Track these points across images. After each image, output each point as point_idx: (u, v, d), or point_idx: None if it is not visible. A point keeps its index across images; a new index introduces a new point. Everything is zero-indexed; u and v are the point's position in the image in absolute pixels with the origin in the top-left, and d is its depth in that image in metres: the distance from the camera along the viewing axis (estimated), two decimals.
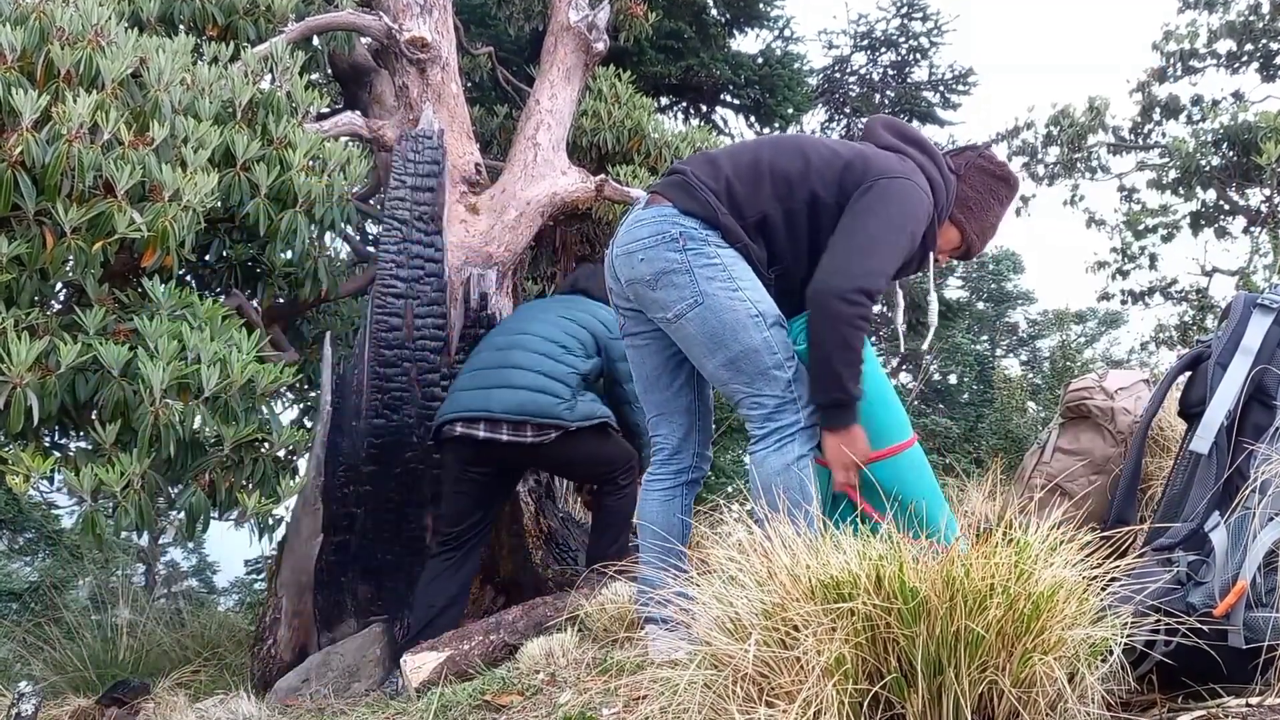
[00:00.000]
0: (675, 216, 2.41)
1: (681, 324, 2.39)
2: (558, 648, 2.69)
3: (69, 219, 2.95)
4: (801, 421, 2.35)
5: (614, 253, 2.53)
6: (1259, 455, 1.88)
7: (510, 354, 3.57)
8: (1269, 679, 1.64)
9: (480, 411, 3.45)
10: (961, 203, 2.63)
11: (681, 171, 2.49)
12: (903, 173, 2.43)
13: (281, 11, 4.37)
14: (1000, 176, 2.68)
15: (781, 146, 2.52)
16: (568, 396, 3.48)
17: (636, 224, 2.47)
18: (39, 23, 3.19)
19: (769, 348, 2.35)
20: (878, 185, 2.39)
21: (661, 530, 2.51)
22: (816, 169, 2.43)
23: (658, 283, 2.40)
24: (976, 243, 2.69)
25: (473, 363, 3.70)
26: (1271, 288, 2.17)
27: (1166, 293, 10.63)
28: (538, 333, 3.63)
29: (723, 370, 2.39)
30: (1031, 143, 11.00)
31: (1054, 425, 3.09)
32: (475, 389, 3.52)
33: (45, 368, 2.87)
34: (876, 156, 2.47)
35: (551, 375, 3.49)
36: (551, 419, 3.42)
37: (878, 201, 2.37)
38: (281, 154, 3.65)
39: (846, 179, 2.41)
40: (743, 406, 2.42)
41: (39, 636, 4.88)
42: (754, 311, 2.36)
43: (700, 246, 2.38)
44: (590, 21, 5.11)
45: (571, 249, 6.90)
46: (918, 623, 1.52)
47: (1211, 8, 10.34)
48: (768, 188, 2.43)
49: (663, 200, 2.46)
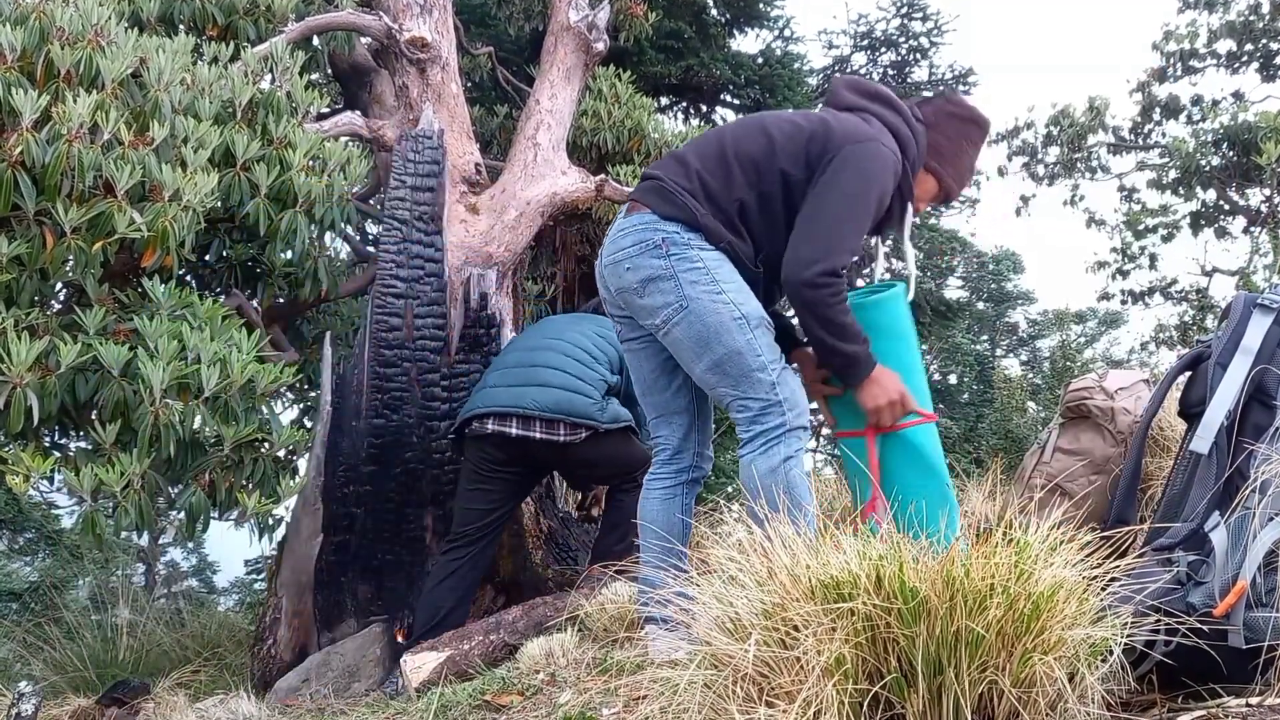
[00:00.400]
0: (656, 223, 2.42)
1: (669, 329, 2.41)
2: (558, 648, 2.69)
3: (69, 219, 2.95)
4: (788, 423, 2.37)
5: (602, 263, 2.55)
6: (1259, 455, 1.88)
7: (543, 354, 3.60)
8: (1269, 679, 1.64)
9: (513, 408, 3.46)
10: (935, 151, 2.64)
11: (656, 177, 2.50)
12: (865, 136, 2.43)
13: (281, 11, 4.37)
14: (970, 119, 2.68)
15: (744, 129, 2.52)
16: (599, 398, 3.51)
17: (620, 233, 2.48)
18: (39, 23, 3.19)
19: (753, 350, 2.37)
20: (839, 156, 2.39)
21: (662, 530, 2.51)
22: (781, 146, 2.44)
23: (645, 290, 2.41)
24: (954, 187, 2.70)
25: (502, 361, 3.73)
26: (1271, 288, 2.17)
27: (1166, 293, 10.63)
28: (571, 340, 3.66)
29: (710, 374, 2.41)
30: (1031, 143, 11.00)
31: (1054, 425, 3.09)
32: (507, 386, 3.53)
33: (45, 368, 2.87)
34: (839, 123, 2.47)
35: (583, 379, 3.53)
36: (585, 418, 3.45)
37: (837, 175, 2.38)
38: (281, 154, 3.65)
39: (812, 150, 2.42)
40: (731, 409, 2.43)
41: (39, 636, 4.88)
42: (738, 314, 2.37)
43: (683, 251, 2.39)
44: (590, 21, 5.11)
45: (571, 249, 6.90)
46: (918, 623, 1.52)
47: (1211, 8, 10.33)
48: (738, 175, 2.44)
49: (642, 208, 2.47)
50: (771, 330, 2.43)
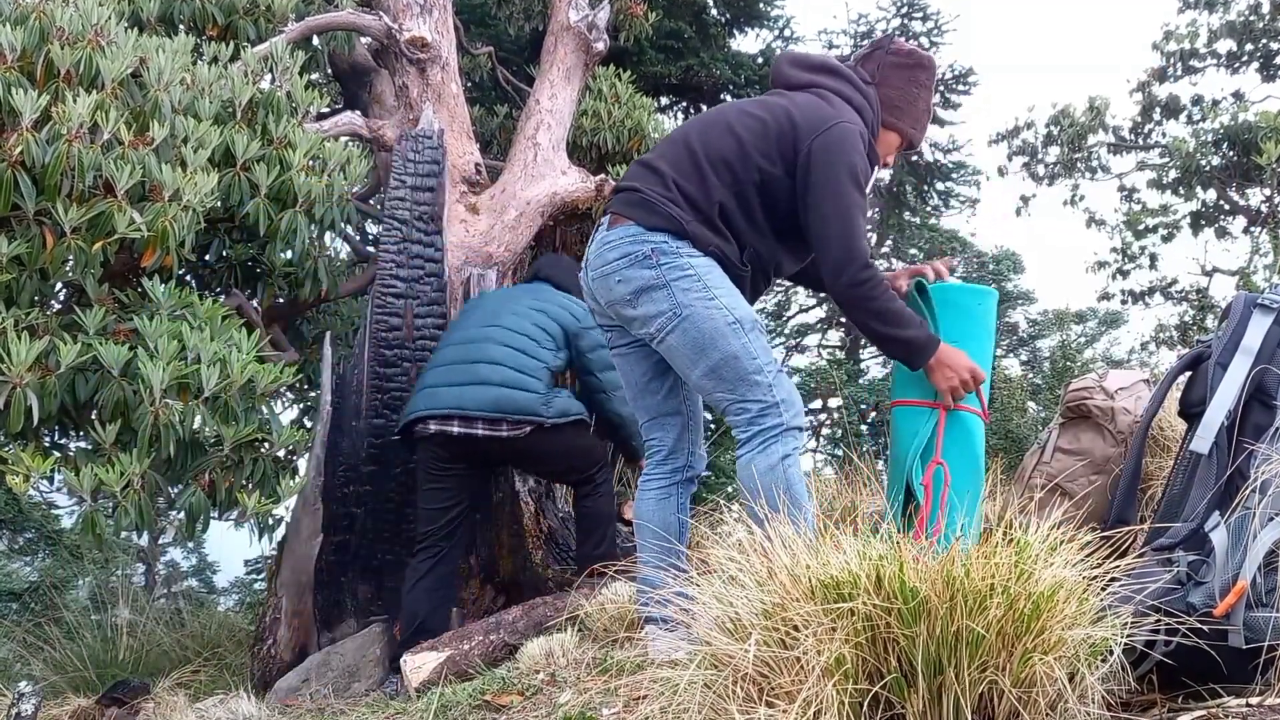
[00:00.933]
0: (642, 234, 2.43)
1: (664, 337, 2.43)
2: (558, 648, 2.69)
3: (69, 219, 2.95)
4: (785, 423, 2.39)
5: (589, 276, 2.55)
6: (1259, 455, 1.88)
7: (480, 347, 3.51)
8: (1269, 679, 1.64)
9: (454, 409, 3.41)
10: (889, 105, 2.65)
11: (634, 189, 2.50)
12: (829, 120, 2.46)
13: (281, 11, 4.37)
14: (914, 64, 2.69)
15: (709, 130, 2.53)
16: (543, 391, 3.45)
17: (605, 247, 2.49)
18: (39, 23, 3.19)
19: (748, 353, 2.39)
20: (812, 153, 2.42)
21: (659, 529, 2.52)
22: (752, 145, 2.46)
23: (637, 301, 2.43)
24: (916, 134, 2.72)
25: (441, 358, 3.62)
26: (1271, 288, 2.17)
27: (1166, 293, 10.62)
28: (508, 325, 3.57)
29: (706, 380, 2.42)
30: (1031, 143, 10.98)
31: (1054, 425, 3.09)
32: (447, 386, 3.46)
33: (45, 368, 2.87)
34: (800, 111, 2.49)
35: (524, 370, 3.46)
36: (528, 414, 3.39)
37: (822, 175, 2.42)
38: (281, 154, 3.65)
39: (783, 146, 2.45)
40: (729, 413, 2.45)
41: (39, 636, 4.88)
42: (731, 319, 2.39)
43: (673, 259, 2.40)
44: (590, 21, 5.11)
45: (571, 249, 6.89)
46: (918, 623, 1.52)
47: (1211, 8, 10.32)
48: (713, 178, 2.46)
49: (625, 220, 2.47)
50: (764, 333, 2.45)
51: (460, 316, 3.87)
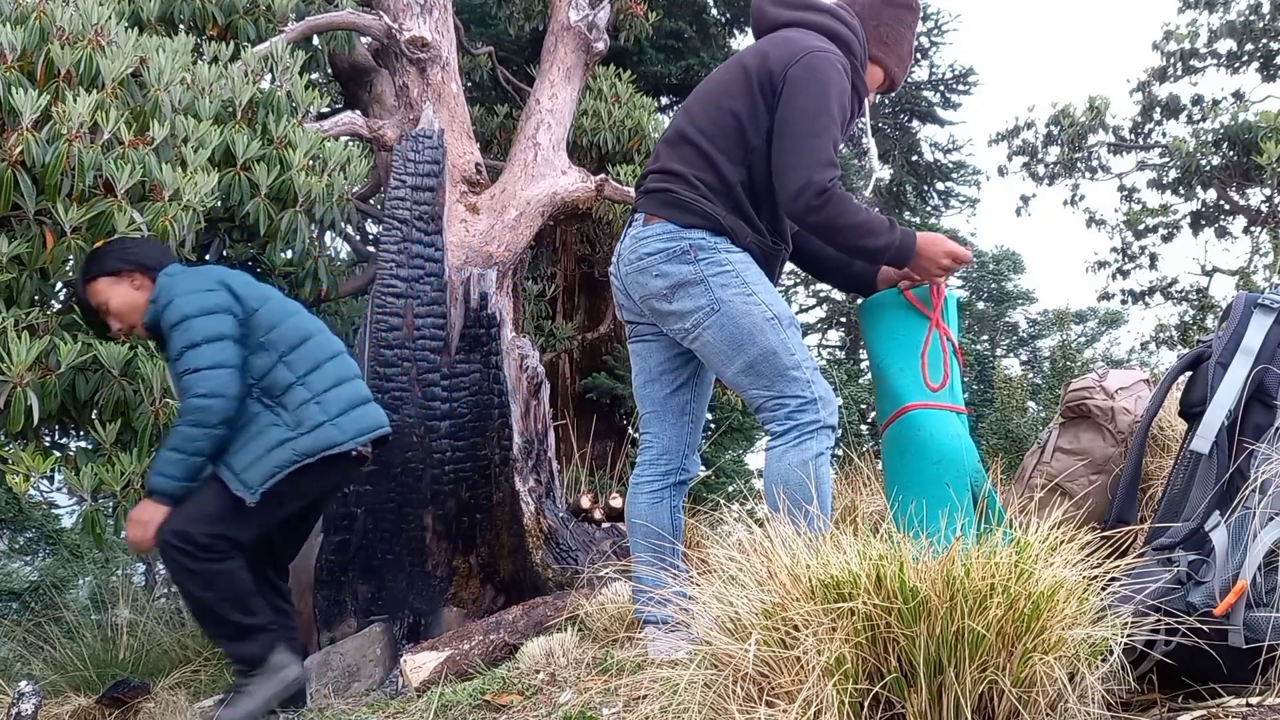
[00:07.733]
0: (680, 231, 2.42)
1: (700, 333, 2.41)
2: (558, 647, 2.69)
3: (69, 219, 2.95)
4: (822, 420, 2.37)
5: (621, 271, 2.53)
6: (1259, 455, 1.88)
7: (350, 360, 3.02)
8: (1269, 679, 1.64)
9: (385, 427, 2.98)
10: (877, 40, 2.65)
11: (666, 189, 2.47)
12: (801, 50, 2.44)
13: (281, 11, 4.37)
14: (902, 4, 2.68)
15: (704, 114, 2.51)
16: None
17: (640, 241, 2.47)
18: (39, 22, 3.19)
19: (786, 349, 2.38)
20: (785, 82, 2.40)
21: (654, 529, 2.51)
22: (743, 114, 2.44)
23: (674, 296, 2.42)
24: (898, 73, 2.72)
25: (348, 369, 2.96)
26: (1272, 288, 2.17)
27: (1166, 293, 10.62)
28: None
29: (742, 375, 2.41)
30: (1031, 142, 10.98)
31: (1054, 425, 3.09)
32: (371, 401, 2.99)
33: (45, 367, 2.87)
34: (775, 48, 2.47)
35: None
36: None
37: (790, 100, 2.39)
38: (281, 154, 3.65)
39: (765, 93, 2.43)
40: (764, 409, 2.43)
41: (39, 636, 4.88)
42: (770, 314, 2.39)
43: (711, 255, 2.40)
44: (590, 21, 5.11)
45: (571, 249, 6.90)
46: (918, 622, 1.52)
47: (1211, 7, 10.32)
48: (722, 159, 2.45)
49: (659, 219, 2.46)
50: (800, 329, 2.45)
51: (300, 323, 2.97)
